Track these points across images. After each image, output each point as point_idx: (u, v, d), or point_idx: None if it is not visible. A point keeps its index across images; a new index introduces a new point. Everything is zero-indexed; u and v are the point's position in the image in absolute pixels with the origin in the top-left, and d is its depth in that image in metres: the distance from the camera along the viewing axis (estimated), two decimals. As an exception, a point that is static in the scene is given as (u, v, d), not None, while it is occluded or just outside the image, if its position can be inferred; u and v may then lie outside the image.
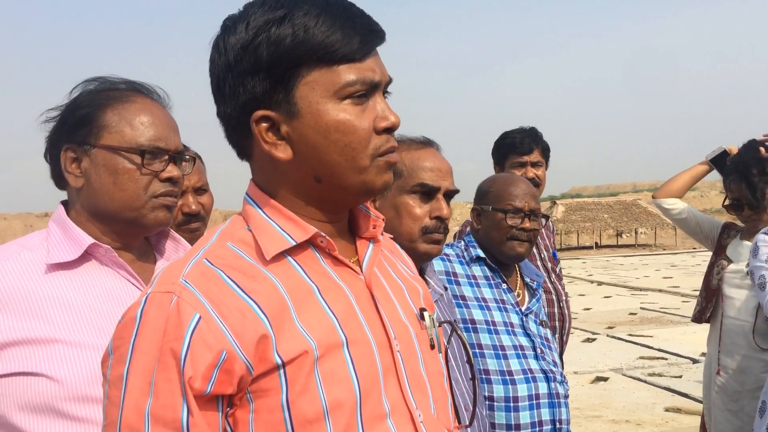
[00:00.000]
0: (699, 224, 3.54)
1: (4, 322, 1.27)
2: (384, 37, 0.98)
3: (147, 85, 1.46)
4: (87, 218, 1.40)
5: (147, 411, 0.84)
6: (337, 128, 0.94)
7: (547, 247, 3.26)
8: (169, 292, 0.88)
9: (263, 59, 0.92)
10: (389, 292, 1.06)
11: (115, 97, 1.39)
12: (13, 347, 1.26)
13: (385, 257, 1.13)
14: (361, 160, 0.96)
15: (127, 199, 1.36)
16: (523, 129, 3.22)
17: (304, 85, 0.93)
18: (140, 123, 1.38)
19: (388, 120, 0.97)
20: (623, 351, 8.76)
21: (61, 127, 1.40)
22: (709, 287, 3.34)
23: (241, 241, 0.97)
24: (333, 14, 0.92)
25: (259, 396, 0.89)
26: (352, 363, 0.92)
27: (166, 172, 1.39)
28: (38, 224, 38.45)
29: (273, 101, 0.94)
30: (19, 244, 1.39)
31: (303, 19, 0.91)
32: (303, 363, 0.89)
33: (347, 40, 0.92)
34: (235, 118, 0.97)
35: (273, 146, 0.95)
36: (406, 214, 1.65)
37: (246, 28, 0.93)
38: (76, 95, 1.41)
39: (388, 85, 1.00)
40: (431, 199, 1.68)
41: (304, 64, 0.92)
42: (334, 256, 1.00)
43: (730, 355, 3.17)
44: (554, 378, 2.10)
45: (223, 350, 0.85)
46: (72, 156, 1.38)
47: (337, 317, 0.94)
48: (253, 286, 0.91)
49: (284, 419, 0.88)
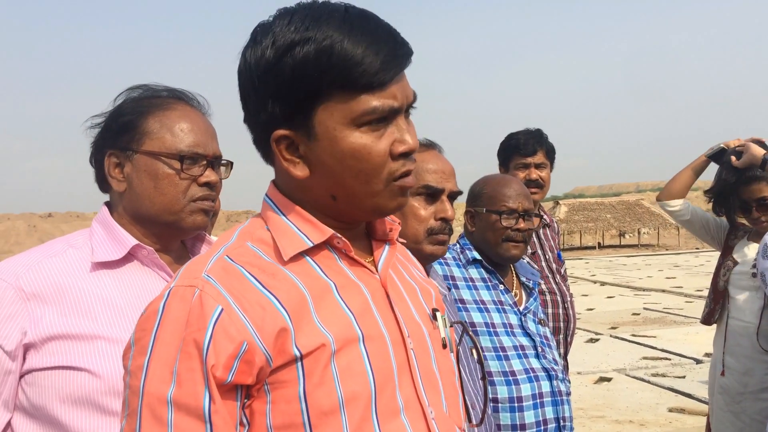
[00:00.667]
0: (705, 225, 3.53)
1: (49, 316, 1.32)
2: (409, 58, 0.98)
3: (188, 92, 1.52)
4: (128, 221, 1.45)
5: (169, 398, 0.86)
6: (352, 155, 0.95)
7: (552, 248, 3.27)
8: (191, 285, 0.91)
9: (285, 85, 0.93)
10: (403, 293, 1.08)
11: (157, 104, 1.45)
12: (56, 341, 1.31)
13: (398, 260, 1.15)
14: (375, 185, 0.97)
15: (167, 203, 1.42)
16: (528, 130, 3.23)
17: (323, 111, 0.94)
18: (180, 130, 1.43)
19: (405, 144, 0.97)
20: (626, 351, 8.77)
21: (105, 133, 1.46)
22: (716, 288, 3.34)
23: (260, 241, 0.99)
24: (357, 39, 0.92)
25: (276, 387, 0.91)
26: (367, 358, 0.94)
27: (204, 177, 1.44)
28: (41, 225, 38.49)
29: (293, 122, 0.96)
30: (65, 242, 1.44)
31: (327, 43, 0.91)
32: (320, 356, 0.91)
33: (369, 68, 0.92)
34: (258, 133, 1.00)
35: (291, 163, 0.98)
36: (412, 215, 1.67)
37: (272, 45, 0.94)
38: (120, 102, 1.47)
39: (411, 104, 1.01)
40: (436, 200, 1.70)
41: (324, 91, 0.93)
42: (351, 257, 1.03)
43: (735, 356, 3.17)
44: (556, 376, 2.11)
45: (244, 341, 0.88)
46: (115, 161, 1.44)
47: (354, 313, 0.96)
48: (273, 282, 0.93)
49: (301, 411, 0.90)
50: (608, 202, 36.51)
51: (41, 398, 1.31)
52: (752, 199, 3.13)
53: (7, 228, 36.54)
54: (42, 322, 1.31)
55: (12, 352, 1.30)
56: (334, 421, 0.91)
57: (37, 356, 1.31)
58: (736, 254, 3.29)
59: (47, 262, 1.37)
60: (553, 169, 3.25)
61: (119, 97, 1.48)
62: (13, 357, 1.31)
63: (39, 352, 1.31)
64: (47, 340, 1.31)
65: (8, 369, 1.31)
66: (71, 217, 44.35)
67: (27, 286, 1.33)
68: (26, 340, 1.31)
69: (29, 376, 1.32)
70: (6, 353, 1.30)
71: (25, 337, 1.31)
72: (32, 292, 1.33)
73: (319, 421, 0.90)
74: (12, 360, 1.31)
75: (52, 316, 1.32)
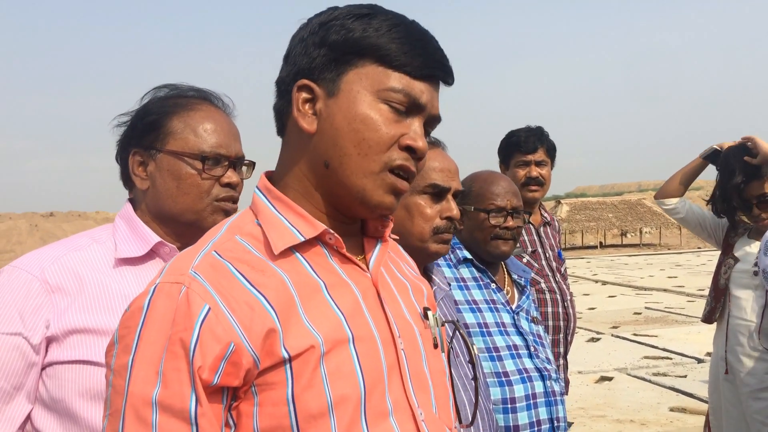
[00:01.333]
0: (701, 223, 3.53)
1: (71, 309, 1.33)
2: (451, 75, 1.02)
3: (214, 92, 1.54)
4: (151, 219, 1.47)
5: (154, 399, 0.84)
6: (363, 120, 0.96)
7: (552, 247, 3.25)
8: (178, 282, 0.88)
9: (330, 38, 0.97)
10: (394, 291, 1.06)
11: (182, 104, 1.47)
12: (77, 335, 1.32)
13: (390, 258, 1.14)
14: (371, 162, 0.96)
15: (189, 202, 1.44)
16: (529, 128, 3.22)
17: (354, 73, 0.97)
18: (204, 130, 1.45)
19: (414, 141, 0.98)
20: (628, 351, 8.76)
21: (130, 131, 1.48)
22: (717, 287, 3.33)
23: (249, 235, 0.97)
24: (409, 31, 0.98)
25: (264, 389, 0.89)
26: (357, 359, 0.92)
27: (226, 177, 1.46)
28: (43, 224, 38.55)
29: (321, 76, 0.98)
30: (89, 237, 1.46)
31: (380, 23, 0.97)
32: (309, 358, 0.89)
33: (410, 54, 0.97)
34: (286, 84, 1.01)
35: (302, 116, 0.98)
36: (418, 214, 1.66)
37: (331, 12, 1.00)
38: (147, 101, 1.49)
39: (433, 122, 1.03)
40: (441, 199, 1.69)
41: (363, 56, 0.97)
42: (342, 254, 1.01)
43: (736, 355, 3.16)
44: (549, 376, 2.09)
45: (231, 342, 0.86)
46: (139, 160, 1.46)
47: (344, 313, 0.94)
48: (262, 279, 0.91)
49: (289, 413, 0.88)
50: (610, 201, 36.50)
51: (60, 391, 1.31)
52: (753, 196, 3.12)
53: (8, 227, 36.60)
54: (64, 315, 1.32)
55: (37, 345, 1.32)
56: (322, 424, 0.89)
57: (59, 349, 1.32)
58: (736, 252, 3.28)
59: (71, 256, 1.39)
60: (553, 167, 3.24)
61: (146, 96, 1.50)
62: (38, 350, 1.32)
63: (60, 345, 1.32)
64: (69, 333, 1.32)
65: (33, 362, 1.32)
66: (73, 216, 44.45)
67: (51, 279, 1.35)
68: (49, 332, 1.32)
69: (50, 368, 1.33)
70: (32, 346, 1.32)
71: (48, 330, 1.32)
72: (56, 285, 1.34)
73: (307, 424, 0.88)
74: (36, 353, 1.32)
75: (74, 310, 1.33)
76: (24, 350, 1.31)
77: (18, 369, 1.31)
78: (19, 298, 1.32)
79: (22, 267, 1.36)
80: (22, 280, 1.34)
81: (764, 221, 3.12)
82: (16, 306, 1.32)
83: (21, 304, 1.32)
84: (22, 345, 1.31)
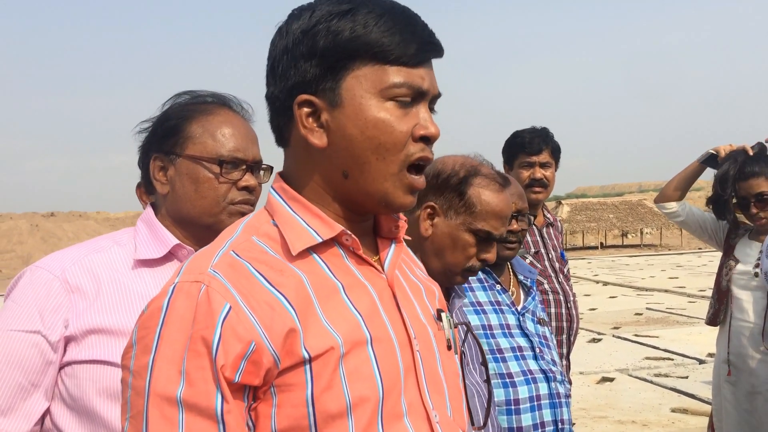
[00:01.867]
0: (702, 225, 3.53)
1: (90, 310, 1.36)
2: (441, 51, 1.00)
3: (233, 97, 1.57)
4: (171, 222, 1.50)
5: (179, 398, 0.83)
6: (375, 125, 0.94)
7: (555, 248, 3.25)
8: (197, 281, 0.88)
9: (319, 46, 0.94)
10: (409, 293, 1.06)
11: (201, 110, 1.51)
12: (95, 335, 1.35)
13: (403, 260, 1.13)
14: (391, 164, 0.96)
15: (207, 206, 1.46)
16: (534, 129, 3.19)
17: (352, 78, 0.94)
18: (222, 135, 1.48)
19: (427, 129, 0.97)
20: (629, 351, 8.75)
21: (151, 137, 1.52)
22: (720, 289, 3.33)
23: (266, 235, 0.97)
24: (395, 18, 0.94)
25: (283, 390, 0.88)
26: (375, 361, 0.92)
27: (243, 181, 1.48)
28: (43, 224, 38.54)
29: (319, 88, 0.95)
30: (110, 239, 1.50)
31: (365, 17, 0.93)
32: (329, 359, 0.89)
33: (404, 44, 0.94)
34: (281, 101, 0.98)
35: (310, 132, 0.96)
36: (462, 250, 1.67)
37: (310, 16, 0.95)
38: (167, 108, 1.53)
39: (436, 99, 1.01)
40: (488, 245, 1.70)
41: (357, 58, 0.94)
42: (358, 255, 1.00)
43: (739, 356, 3.16)
44: (554, 378, 2.08)
45: (252, 341, 0.85)
46: (159, 165, 1.49)
47: (362, 315, 0.94)
48: (281, 279, 0.91)
49: (308, 414, 0.88)
50: (611, 202, 36.45)
51: (79, 390, 1.34)
52: (750, 194, 3.12)
53: (9, 227, 36.59)
54: (83, 315, 1.35)
55: (55, 343, 1.35)
56: (340, 425, 0.88)
57: (77, 349, 1.35)
58: (737, 253, 3.28)
59: (92, 258, 1.43)
60: (557, 168, 3.23)
61: (167, 102, 1.54)
62: (56, 348, 1.35)
63: (79, 344, 1.35)
64: (87, 333, 1.35)
65: (51, 360, 1.35)
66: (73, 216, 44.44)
67: (72, 279, 1.38)
68: (68, 332, 1.35)
69: (68, 368, 1.36)
70: (50, 344, 1.34)
71: (67, 329, 1.35)
72: (76, 285, 1.38)
73: (326, 425, 0.88)
74: (54, 351, 1.35)
75: (92, 310, 1.36)
76: (42, 348, 1.34)
77: (36, 366, 1.34)
78: (39, 297, 1.36)
79: (44, 267, 1.40)
80: (43, 280, 1.37)
81: (761, 220, 3.12)
82: (36, 304, 1.35)
83: (41, 303, 1.35)
84: (41, 343, 1.34)
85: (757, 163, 3.13)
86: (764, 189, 3.09)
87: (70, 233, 35.79)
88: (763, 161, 3.13)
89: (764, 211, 3.11)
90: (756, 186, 3.10)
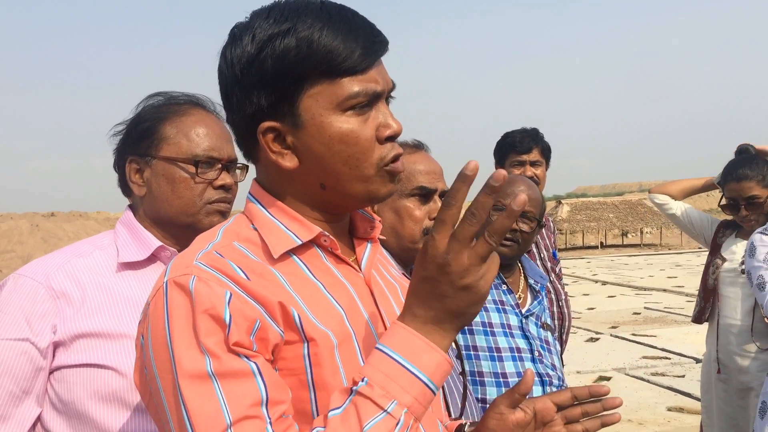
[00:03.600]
0: (691, 221, 3.56)
1: (77, 315, 1.37)
2: (387, 46, 1.00)
3: (205, 97, 1.58)
4: (149, 223, 1.51)
5: (211, 373, 0.85)
6: (340, 139, 0.96)
7: (547, 247, 3.28)
8: (186, 274, 0.90)
9: (268, 74, 0.94)
10: (385, 290, 1.10)
11: (174, 110, 1.51)
12: (83, 339, 1.36)
13: (378, 260, 1.16)
14: (365, 169, 0.98)
15: (184, 206, 1.48)
16: (524, 129, 3.27)
17: (308, 98, 0.95)
18: (196, 135, 1.49)
19: (390, 128, 0.99)
20: (626, 351, 8.77)
21: (126, 139, 1.52)
22: (706, 287, 3.35)
23: (247, 240, 0.99)
24: (336, 27, 0.94)
25: (282, 367, 0.92)
26: (360, 354, 0.96)
27: (219, 180, 1.50)
28: (44, 224, 38.54)
29: (278, 113, 0.96)
30: (91, 244, 1.51)
31: (306, 33, 0.93)
32: (324, 345, 0.92)
33: (349, 53, 0.94)
34: (243, 128, 1.00)
35: (279, 155, 0.98)
36: (408, 216, 1.70)
37: (252, 40, 0.95)
38: (140, 110, 1.53)
39: (391, 92, 1.02)
40: (429, 201, 1.73)
41: (308, 78, 0.94)
42: (336, 255, 1.03)
43: (728, 354, 3.18)
44: (550, 382, 2.08)
45: (257, 320, 0.89)
46: (135, 167, 1.50)
47: (345, 311, 0.98)
48: (263, 282, 0.93)
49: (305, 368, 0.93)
50: (611, 201, 36.45)
51: (70, 394, 1.35)
52: (741, 197, 3.13)
53: (9, 227, 36.60)
54: (71, 320, 1.36)
55: (44, 349, 1.35)
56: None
57: (66, 354, 1.36)
58: (724, 252, 3.30)
59: (75, 263, 1.43)
60: (548, 167, 3.27)
61: (140, 104, 1.54)
62: (45, 354, 1.36)
63: (67, 349, 1.36)
64: (75, 338, 1.35)
65: (41, 366, 1.36)
66: (74, 216, 44.47)
67: (56, 285, 1.38)
68: (56, 338, 1.36)
69: (58, 372, 1.36)
70: (39, 351, 1.35)
71: (55, 335, 1.36)
72: (61, 291, 1.38)
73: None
74: (44, 357, 1.36)
75: (80, 315, 1.37)
76: (32, 355, 1.35)
77: (26, 373, 1.35)
78: (25, 305, 1.36)
79: (27, 275, 1.40)
80: (28, 287, 1.38)
81: (751, 222, 3.14)
82: (23, 312, 1.36)
83: (28, 311, 1.36)
84: (30, 350, 1.35)
85: (749, 165, 3.14)
86: (756, 192, 3.09)
87: (70, 233, 35.73)
88: (754, 163, 3.14)
89: (754, 214, 3.12)
90: (747, 189, 3.11)
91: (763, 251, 2.62)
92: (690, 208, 3.59)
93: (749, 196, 3.10)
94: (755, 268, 2.63)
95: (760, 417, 2.48)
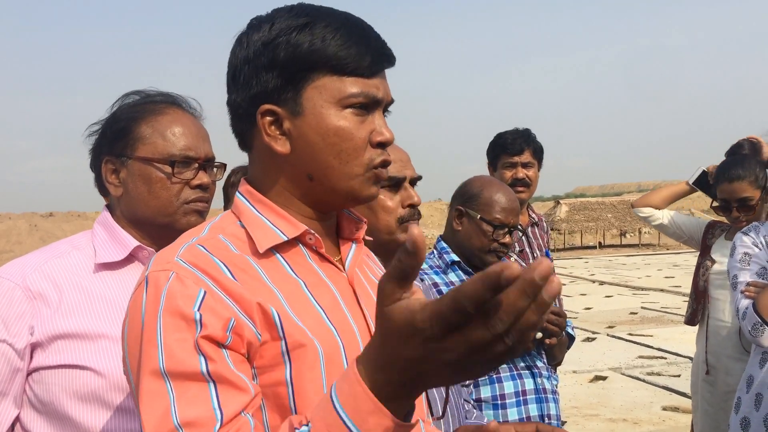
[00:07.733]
0: (680, 227, 3.55)
1: (54, 315, 1.36)
2: (393, 61, 1.06)
3: (181, 96, 1.56)
4: (126, 223, 1.50)
5: (162, 370, 0.87)
6: (336, 132, 1.00)
7: (540, 247, 3.29)
8: (165, 270, 0.93)
9: (280, 58, 0.99)
10: (369, 289, 1.12)
11: (150, 110, 1.49)
12: (61, 340, 1.35)
13: (364, 260, 1.19)
14: (354, 167, 1.02)
15: (161, 206, 1.47)
16: (516, 130, 3.26)
17: (312, 88, 1.00)
18: (172, 134, 1.48)
19: (383, 135, 1.03)
20: (623, 350, 8.80)
21: (101, 139, 1.51)
22: (697, 289, 3.36)
23: (233, 235, 1.01)
24: (350, 31, 1.00)
25: (262, 373, 0.93)
26: (344, 353, 0.98)
27: (196, 180, 1.49)
28: (42, 224, 38.50)
29: (281, 98, 1.01)
30: (69, 244, 1.50)
31: (323, 31, 0.99)
32: (305, 351, 0.94)
33: (359, 56, 1.00)
34: (244, 108, 1.03)
35: (273, 139, 1.02)
36: (380, 208, 1.69)
37: (270, 28, 1.01)
38: (115, 109, 1.51)
39: (389, 105, 1.07)
40: (399, 189, 1.72)
41: (316, 70, 0.99)
42: (321, 254, 1.06)
43: (717, 356, 3.19)
44: (540, 374, 2.12)
45: (231, 318, 0.90)
46: (111, 167, 1.48)
47: (324, 309, 1.00)
48: (244, 277, 0.95)
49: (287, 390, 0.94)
50: (609, 201, 36.43)
51: (49, 395, 1.35)
52: (733, 198, 3.09)
53: (8, 227, 36.57)
54: (48, 321, 1.35)
55: (21, 350, 1.35)
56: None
57: (44, 355, 1.35)
58: (714, 254, 3.30)
59: (52, 263, 1.42)
60: (540, 168, 3.28)
61: (115, 104, 1.52)
62: (22, 356, 1.35)
63: (45, 350, 1.35)
64: (53, 339, 1.35)
65: (17, 367, 1.35)
66: (72, 216, 44.42)
67: (33, 286, 1.37)
68: (33, 339, 1.35)
69: (36, 374, 1.36)
70: (16, 352, 1.35)
71: (33, 336, 1.35)
72: (38, 292, 1.37)
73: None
74: (21, 359, 1.35)
75: (57, 316, 1.36)
76: (9, 356, 1.34)
77: (3, 375, 1.35)
78: (2, 306, 1.36)
79: (4, 276, 1.39)
80: (4, 288, 1.37)
81: (742, 223, 3.12)
82: None
83: (4, 312, 1.35)
84: (7, 351, 1.34)
85: (741, 165, 3.09)
86: (748, 194, 3.04)
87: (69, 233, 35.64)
88: (747, 164, 3.11)
89: (746, 215, 3.07)
90: (740, 190, 3.05)
91: (741, 251, 2.60)
92: (676, 214, 3.59)
93: (742, 198, 3.06)
94: (732, 267, 2.62)
95: (735, 412, 2.50)
